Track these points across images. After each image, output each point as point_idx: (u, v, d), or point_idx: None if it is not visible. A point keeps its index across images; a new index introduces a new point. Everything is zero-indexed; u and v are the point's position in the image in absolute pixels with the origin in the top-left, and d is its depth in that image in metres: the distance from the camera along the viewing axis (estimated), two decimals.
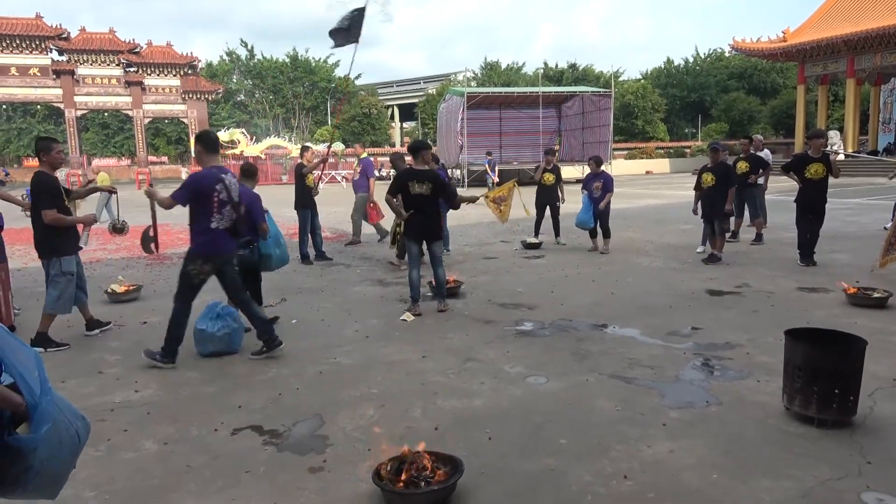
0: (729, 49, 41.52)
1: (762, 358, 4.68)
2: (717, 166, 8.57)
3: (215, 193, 4.78)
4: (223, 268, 5.00)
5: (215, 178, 4.80)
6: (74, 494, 2.95)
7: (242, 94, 55.24)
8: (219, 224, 4.85)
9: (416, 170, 6.35)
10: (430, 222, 6.31)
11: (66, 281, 5.41)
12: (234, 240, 5.07)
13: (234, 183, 5.00)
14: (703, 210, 8.78)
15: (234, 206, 4.94)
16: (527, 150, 33.97)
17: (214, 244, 4.87)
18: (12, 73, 37.40)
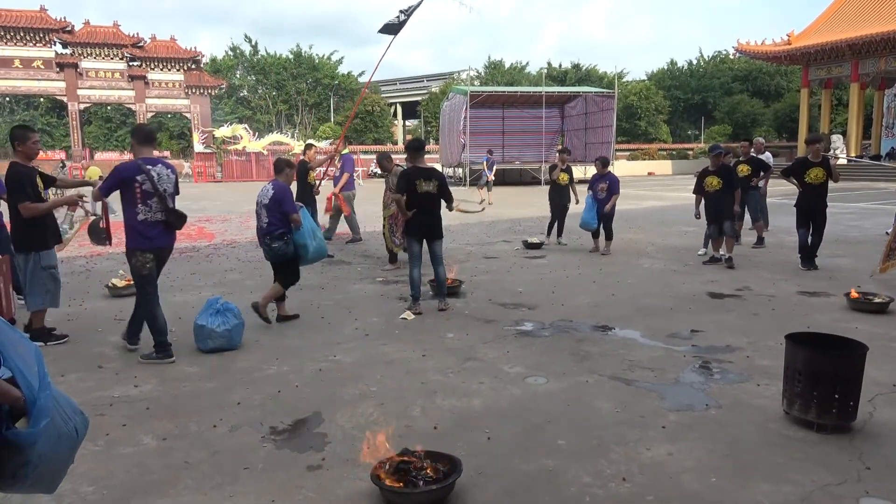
0: (733, 51, 41.44)
1: (762, 361, 4.68)
2: (720, 169, 8.55)
3: (136, 184, 4.73)
4: (163, 261, 5.03)
5: (137, 170, 4.75)
6: (73, 489, 2.95)
7: (245, 89, 55.23)
8: (146, 216, 4.80)
9: (422, 168, 6.31)
10: (433, 221, 6.30)
11: (48, 275, 5.32)
12: (168, 233, 4.97)
13: (166, 174, 4.89)
14: (709, 213, 8.69)
15: (161, 198, 4.82)
16: (529, 149, 33.97)
17: (143, 237, 4.83)
18: (16, 65, 37.42)
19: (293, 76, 52.75)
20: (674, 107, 53.56)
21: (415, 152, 6.38)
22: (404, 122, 70.85)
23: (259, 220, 5.88)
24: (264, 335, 5.52)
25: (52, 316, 6.21)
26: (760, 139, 11.48)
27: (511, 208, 17.94)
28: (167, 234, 4.96)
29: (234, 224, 14.65)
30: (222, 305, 5.13)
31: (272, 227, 5.77)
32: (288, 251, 5.83)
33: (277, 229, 5.72)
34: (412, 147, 6.45)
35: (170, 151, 57.70)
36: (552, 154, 35.89)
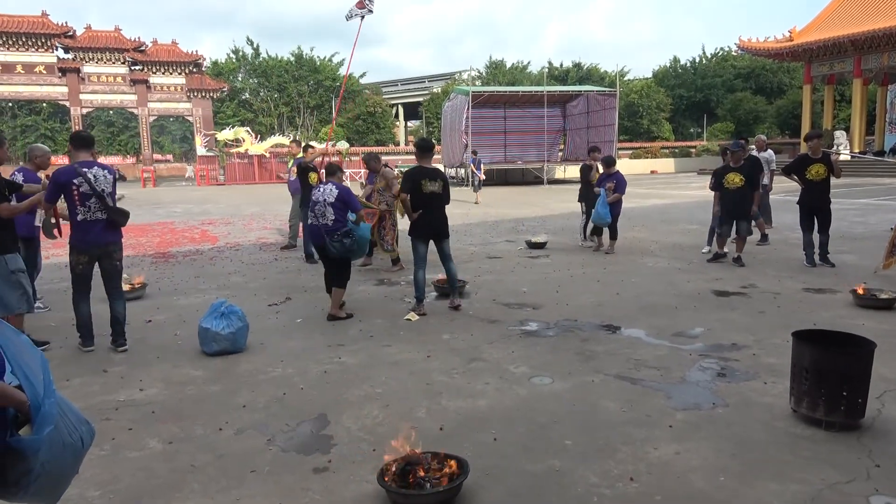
0: (735, 48, 41.34)
1: (769, 359, 4.66)
2: (743, 166, 8.32)
3: (74, 187, 4.98)
4: (101, 259, 5.24)
5: (73, 173, 4.99)
6: (79, 493, 2.95)
7: (247, 92, 55.25)
8: (85, 216, 5.06)
9: (427, 168, 6.28)
10: (440, 220, 6.28)
11: (17, 279, 5.30)
12: (109, 230, 5.19)
13: (103, 175, 5.09)
14: (725, 211, 8.46)
15: (100, 198, 5.04)
16: (531, 149, 33.95)
17: (82, 236, 5.10)
18: (18, 70, 37.49)
19: (295, 78, 52.75)
20: (676, 105, 53.45)
21: (423, 152, 6.33)
22: (406, 123, 70.85)
23: (322, 218, 6.02)
24: (269, 338, 5.52)
25: (56, 321, 6.24)
26: (763, 136, 11.44)
27: (514, 208, 17.92)
28: (108, 232, 5.20)
29: (238, 227, 14.66)
30: (227, 308, 5.13)
31: (339, 224, 6.00)
32: (354, 246, 6.10)
33: (343, 226, 5.99)
34: (420, 146, 6.39)
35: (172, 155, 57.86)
36: (554, 153, 35.94)
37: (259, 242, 11.74)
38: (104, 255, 5.24)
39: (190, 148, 47.99)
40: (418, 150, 6.37)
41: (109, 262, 5.28)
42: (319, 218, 6.04)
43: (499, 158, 34.29)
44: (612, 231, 9.86)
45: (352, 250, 6.12)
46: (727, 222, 8.50)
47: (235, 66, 54.34)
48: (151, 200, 22.87)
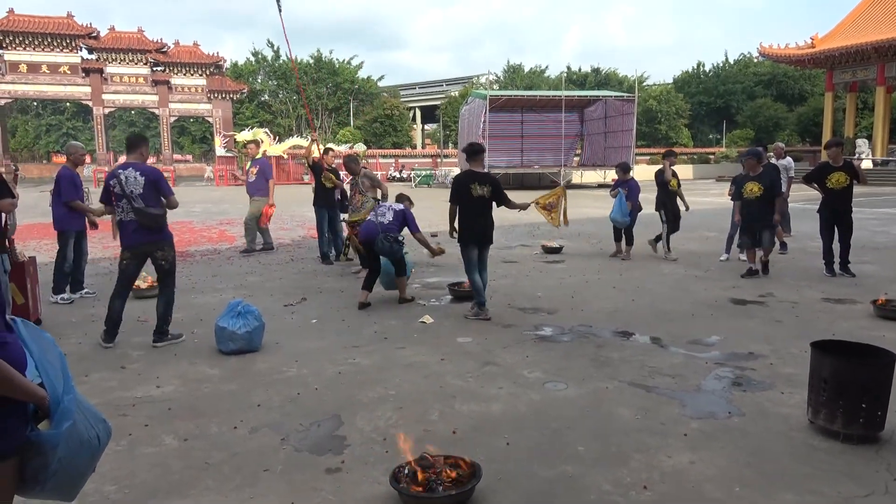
0: (756, 55, 40.97)
1: (786, 369, 4.60)
2: (762, 174, 8.03)
3: (111, 188, 5.25)
4: (146, 257, 5.40)
5: (111, 175, 5.28)
6: (96, 488, 2.99)
7: (266, 94, 55.76)
8: (120, 216, 5.28)
9: (475, 172, 6.22)
10: (488, 225, 6.22)
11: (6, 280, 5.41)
12: (141, 231, 5.24)
13: (133, 177, 5.16)
14: (744, 221, 8.16)
15: (128, 199, 5.16)
16: (549, 153, 33.86)
17: (121, 234, 5.36)
18: (43, 70, 38.15)
19: (313, 80, 53.16)
20: (695, 111, 53.10)
21: (473, 155, 6.27)
22: (423, 126, 71.02)
23: (382, 217, 6.67)
24: (284, 338, 5.55)
25: (77, 317, 6.33)
26: (781, 144, 11.32)
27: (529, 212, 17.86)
28: (141, 232, 5.24)
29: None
30: (243, 308, 5.17)
31: (393, 227, 6.62)
32: (398, 255, 6.65)
33: (398, 234, 6.58)
34: (469, 151, 6.31)
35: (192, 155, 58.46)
36: (571, 158, 35.82)
37: (275, 242, 11.81)
38: (147, 253, 5.37)
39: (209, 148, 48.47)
40: (468, 153, 6.29)
41: (154, 261, 5.39)
42: (379, 217, 6.66)
43: (515, 162, 34.29)
44: (628, 237, 9.81)
45: (393, 253, 6.56)
46: (747, 233, 8.16)
47: (255, 67, 54.87)
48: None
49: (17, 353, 1.75)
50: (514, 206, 6.47)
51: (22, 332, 1.82)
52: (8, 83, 37.70)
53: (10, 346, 1.74)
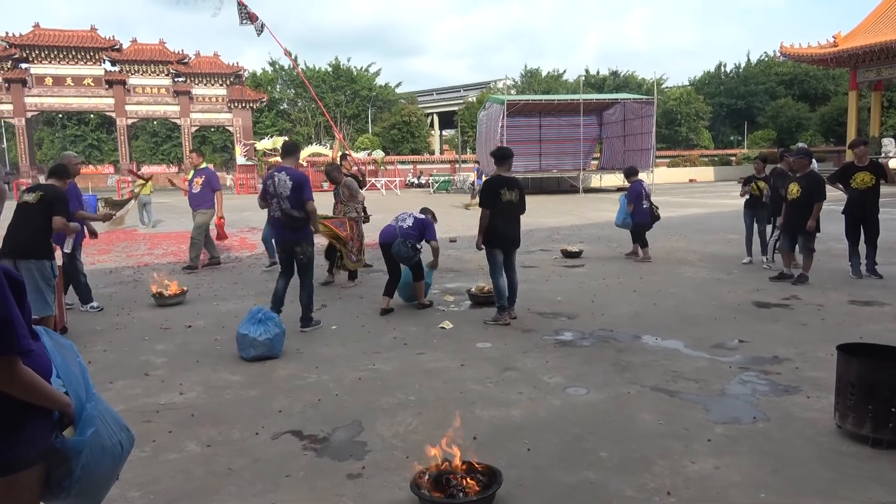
0: (778, 54, 40.47)
1: (812, 373, 4.52)
2: (805, 177, 7.70)
3: (267, 187, 5.99)
4: (288, 253, 6.09)
5: (268, 176, 6.03)
6: (120, 494, 3.02)
7: (285, 102, 56.27)
8: (272, 213, 6.06)
9: (505, 177, 6.22)
10: (516, 230, 6.25)
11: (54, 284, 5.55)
12: (285, 228, 5.96)
13: (283, 180, 5.89)
14: (784, 224, 7.93)
15: (277, 199, 5.91)
16: (567, 157, 33.70)
17: (273, 229, 6.25)
18: (68, 83, 38.85)
19: (332, 88, 53.54)
20: (716, 112, 52.56)
21: (502, 160, 6.26)
22: (441, 132, 71.14)
23: (403, 222, 6.78)
24: (305, 344, 5.59)
25: (102, 325, 6.42)
26: (803, 144, 11.13)
27: (549, 217, 17.81)
28: (286, 229, 5.98)
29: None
30: (264, 315, 5.21)
31: (412, 233, 6.67)
32: (413, 262, 6.69)
33: (417, 240, 6.64)
34: (499, 156, 6.29)
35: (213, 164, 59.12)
36: (590, 161, 35.64)
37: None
38: (288, 247, 6.05)
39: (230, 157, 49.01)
40: (497, 158, 6.27)
41: (294, 256, 6.04)
42: (399, 222, 6.77)
43: (534, 167, 34.17)
44: (642, 239, 9.87)
45: (409, 258, 6.61)
46: (788, 235, 7.90)
47: (273, 77, 55.40)
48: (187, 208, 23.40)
49: (44, 361, 1.79)
50: None
51: (46, 341, 1.86)
52: (34, 96, 38.45)
53: (37, 354, 1.77)
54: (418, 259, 6.71)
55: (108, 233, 14.41)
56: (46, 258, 5.36)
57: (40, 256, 5.31)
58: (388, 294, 6.74)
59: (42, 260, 5.31)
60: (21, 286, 1.74)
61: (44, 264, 5.31)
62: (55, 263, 5.49)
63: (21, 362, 1.65)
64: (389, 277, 6.84)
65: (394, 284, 6.81)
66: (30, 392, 1.67)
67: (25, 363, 1.67)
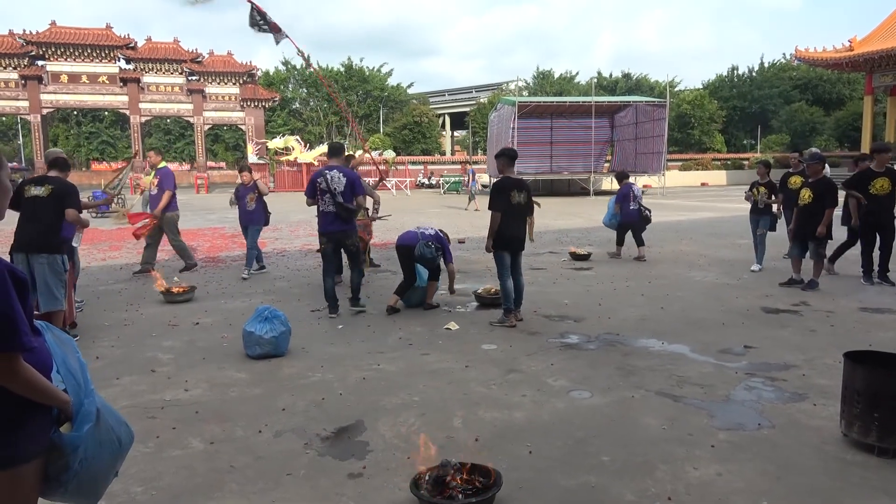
0: (792, 59, 40.14)
1: (819, 380, 4.48)
2: (817, 182, 7.59)
3: (318, 184, 6.43)
4: (339, 243, 6.61)
5: (318, 174, 6.53)
6: (123, 489, 3.04)
7: (298, 102, 56.47)
8: (323, 208, 6.48)
9: (514, 179, 6.22)
10: (524, 232, 6.30)
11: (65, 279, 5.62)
12: (338, 221, 6.45)
13: (338, 177, 6.43)
14: (794, 229, 7.88)
15: (331, 194, 6.38)
16: (579, 160, 33.62)
17: (322, 223, 6.57)
18: (83, 80, 39.21)
19: (344, 88, 53.68)
20: (729, 116, 52.18)
21: (508, 160, 6.24)
22: (452, 133, 71.16)
23: (426, 229, 6.99)
24: (311, 343, 5.60)
25: (110, 321, 6.47)
26: (816, 149, 11.03)
27: (558, 219, 17.77)
28: (338, 221, 6.48)
29: (285, 233, 14.95)
30: (270, 313, 5.23)
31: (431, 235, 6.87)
32: (435, 263, 6.87)
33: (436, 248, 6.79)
34: (506, 155, 6.28)
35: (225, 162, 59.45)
36: (601, 164, 35.54)
37: (304, 249, 11.95)
38: (340, 240, 6.59)
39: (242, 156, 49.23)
40: (506, 159, 6.24)
41: (344, 247, 6.69)
42: (421, 229, 6.97)
43: (545, 169, 34.12)
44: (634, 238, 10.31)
45: (429, 260, 6.75)
46: (798, 241, 7.80)
47: (286, 76, 55.62)
48: (205, 206, 23.53)
49: (45, 357, 1.81)
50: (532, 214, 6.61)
51: (47, 336, 1.87)
52: (50, 93, 38.84)
53: (39, 350, 1.79)
54: (438, 262, 6.85)
55: (119, 230, 14.54)
56: (59, 252, 5.39)
57: (53, 251, 5.33)
58: (399, 294, 6.77)
59: (54, 254, 5.34)
60: (25, 283, 1.75)
61: (55, 259, 5.33)
62: (66, 258, 5.52)
63: (22, 359, 1.66)
64: (404, 279, 6.88)
65: (407, 287, 6.83)
66: (30, 389, 1.69)
67: (27, 359, 1.68)
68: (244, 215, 9.13)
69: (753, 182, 9.29)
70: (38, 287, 5.23)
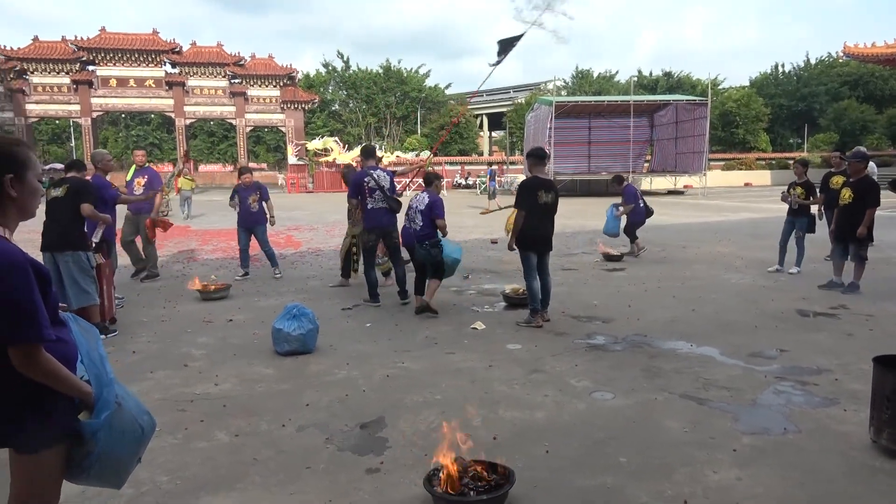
0: (841, 54, 38.88)
1: (853, 385, 4.36)
2: (858, 181, 7.38)
3: (364, 184, 6.88)
4: (384, 237, 7.04)
5: (364, 175, 6.95)
6: (150, 477, 3.16)
7: (337, 103, 57.17)
8: (373, 205, 6.90)
9: (542, 179, 6.23)
10: (550, 232, 6.21)
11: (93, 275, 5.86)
12: (388, 215, 6.93)
13: (383, 176, 6.95)
14: (835, 230, 7.62)
15: (381, 191, 6.85)
16: (617, 160, 33.21)
17: (371, 219, 6.94)
18: (131, 84, 40.51)
19: (382, 90, 54.14)
20: (775, 114, 50.78)
21: (538, 161, 6.27)
22: (490, 134, 71.06)
23: (413, 223, 6.72)
24: (338, 341, 5.69)
25: (148, 317, 6.69)
26: (862, 148, 10.66)
27: (594, 219, 17.57)
28: (387, 217, 6.95)
29: (321, 233, 15.17)
30: (298, 310, 5.33)
31: (426, 231, 6.62)
32: (439, 257, 6.70)
33: (433, 236, 6.62)
34: (534, 155, 6.31)
35: (266, 163, 60.57)
36: (640, 164, 35.03)
37: (339, 249, 12.09)
38: (386, 233, 7.00)
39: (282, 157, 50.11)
40: (534, 158, 6.28)
41: (389, 240, 7.06)
42: (412, 223, 6.75)
43: (582, 169, 33.81)
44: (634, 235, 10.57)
45: (433, 257, 6.63)
46: (839, 243, 7.58)
47: (326, 78, 56.36)
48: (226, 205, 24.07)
49: (70, 348, 1.90)
50: None
51: (73, 328, 1.97)
52: (100, 97, 40.25)
53: (65, 341, 1.89)
54: (441, 258, 6.73)
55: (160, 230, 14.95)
56: (82, 249, 5.62)
57: (76, 248, 5.58)
58: (420, 292, 6.76)
59: (77, 251, 5.57)
60: (47, 278, 1.85)
61: (79, 255, 5.57)
62: (91, 254, 5.74)
63: (43, 349, 1.76)
64: (417, 275, 6.83)
65: (422, 281, 6.77)
66: (50, 378, 1.78)
67: (50, 350, 1.78)
68: (248, 217, 8.98)
69: (791, 182, 9.05)
70: (66, 284, 5.47)
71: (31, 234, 10.82)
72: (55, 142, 62.86)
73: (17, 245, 1.84)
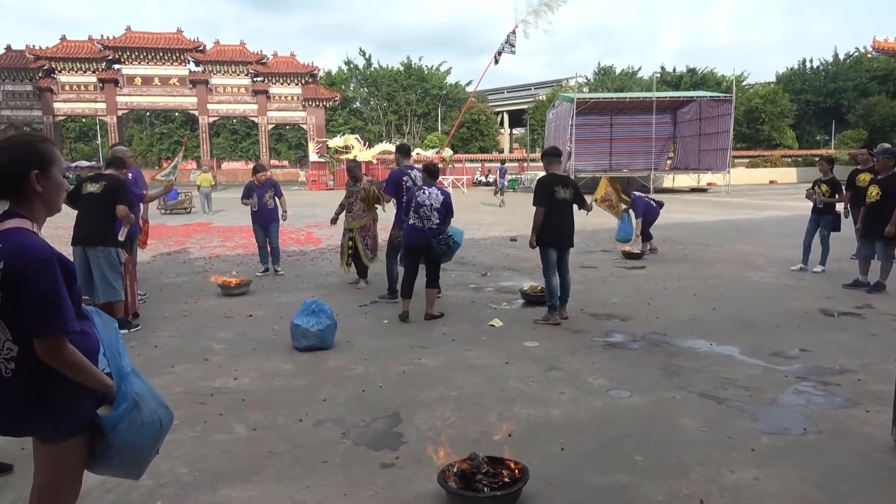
0: (870, 49, 38.06)
1: (876, 386, 4.28)
2: (886, 178, 7.25)
3: (403, 182, 7.04)
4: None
5: (402, 173, 7.13)
6: (169, 469, 3.22)
7: (358, 101, 57.38)
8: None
9: (558, 175, 6.25)
10: (570, 228, 6.20)
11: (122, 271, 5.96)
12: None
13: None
14: (863, 228, 7.54)
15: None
16: (639, 157, 32.92)
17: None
18: (155, 83, 41.06)
19: (403, 87, 54.22)
20: (802, 110, 49.88)
21: (553, 158, 6.31)
22: (511, 131, 70.80)
23: (428, 221, 6.27)
24: (356, 337, 5.73)
25: (170, 312, 6.79)
26: (886, 145, 10.39)
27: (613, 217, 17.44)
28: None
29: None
30: (317, 306, 5.38)
31: (442, 228, 6.32)
32: (452, 253, 6.53)
33: (443, 231, 6.33)
34: (549, 154, 6.36)
35: (288, 161, 61.03)
36: (663, 161, 34.67)
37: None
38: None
39: (303, 154, 50.45)
40: (550, 157, 6.32)
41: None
42: (424, 221, 6.27)
43: (604, 166, 33.53)
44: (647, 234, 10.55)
45: (449, 253, 6.49)
46: (866, 241, 7.47)
47: (347, 76, 56.60)
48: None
49: (94, 341, 1.95)
50: (588, 209, 6.46)
51: (96, 321, 2.02)
52: (125, 95, 40.87)
53: (88, 334, 1.94)
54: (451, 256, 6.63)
55: (185, 224, 15.18)
56: (113, 245, 5.71)
57: (108, 244, 5.67)
58: (407, 295, 6.42)
59: (108, 247, 5.66)
60: (72, 272, 1.89)
61: (110, 251, 5.66)
62: (120, 251, 5.83)
63: (68, 342, 1.80)
64: (406, 275, 6.49)
65: (412, 283, 6.45)
66: (75, 371, 1.83)
67: (74, 343, 1.83)
68: (265, 213, 9.09)
69: (816, 179, 8.90)
70: (95, 279, 5.57)
71: (58, 230, 11.09)
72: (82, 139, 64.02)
73: (45, 240, 1.89)
